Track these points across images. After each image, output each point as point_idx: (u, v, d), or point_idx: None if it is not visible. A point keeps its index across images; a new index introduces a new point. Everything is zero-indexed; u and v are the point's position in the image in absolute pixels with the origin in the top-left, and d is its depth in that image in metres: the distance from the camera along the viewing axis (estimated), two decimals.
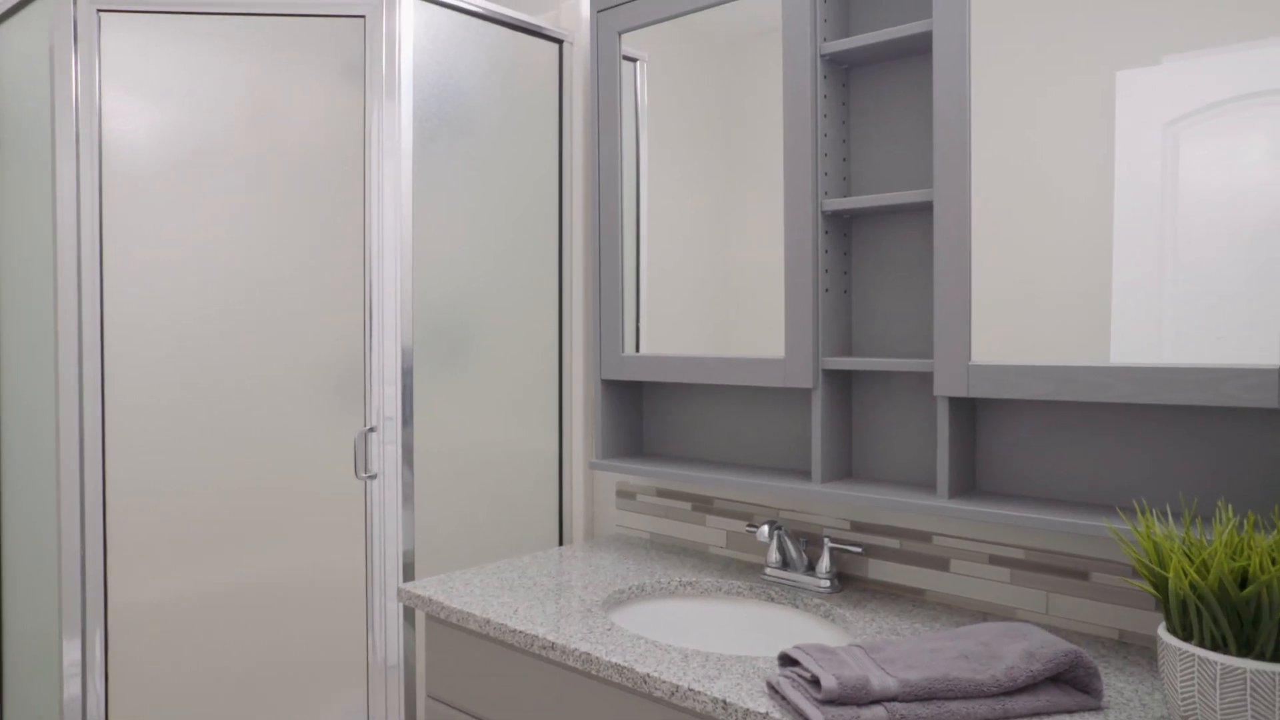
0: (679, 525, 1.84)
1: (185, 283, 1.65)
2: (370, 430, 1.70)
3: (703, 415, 1.80)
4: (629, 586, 1.54)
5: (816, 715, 0.96)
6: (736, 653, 1.52)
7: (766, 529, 1.55)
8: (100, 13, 1.61)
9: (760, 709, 1.03)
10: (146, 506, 1.64)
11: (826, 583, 1.50)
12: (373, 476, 1.70)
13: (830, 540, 1.52)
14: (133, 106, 1.62)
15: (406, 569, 1.70)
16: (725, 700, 1.06)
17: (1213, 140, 1.08)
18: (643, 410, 1.90)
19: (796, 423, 1.65)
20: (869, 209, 1.44)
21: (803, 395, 1.65)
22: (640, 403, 1.90)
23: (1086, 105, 1.17)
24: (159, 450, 1.64)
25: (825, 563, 1.51)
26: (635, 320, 1.74)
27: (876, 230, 1.53)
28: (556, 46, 1.99)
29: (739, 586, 1.56)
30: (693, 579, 1.59)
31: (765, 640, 1.51)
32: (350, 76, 1.69)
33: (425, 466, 1.75)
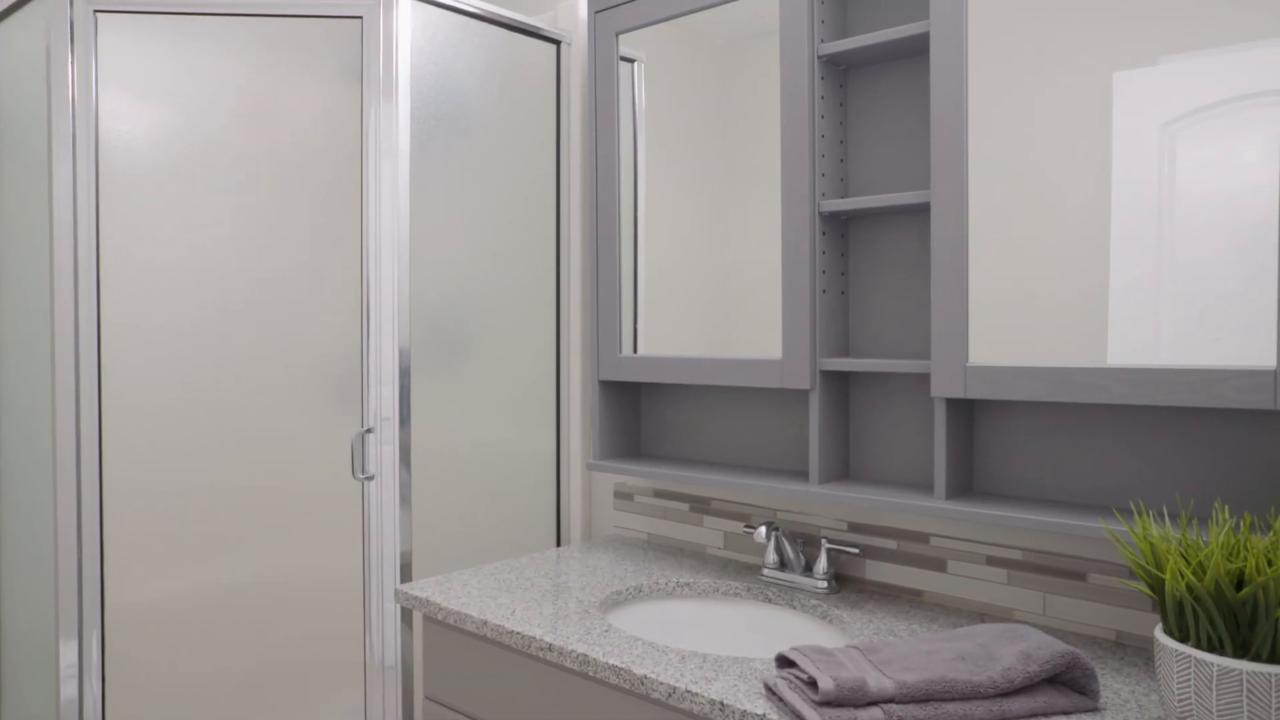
0: (676, 526, 1.84)
1: (182, 283, 1.65)
2: (368, 431, 1.70)
3: (700, 416, 1.80)
4: (626, 587, 1.54)
5: (814, 717, 0.96)
6: (734, 654, 1.52)
7: (764, 530, 1.55)
8: (97, 13, 1.61)
9: (757, 710, 1.03)
10: (143, 507, 1.64)
11: (824, 584, 1.50)
12: (370, 477, 1.69)
13: (828, 541, 1.52)
14: (129, 107, 1.62)
15: (404, 570, 1.70)
16: (722, 702, 1.06)
17: (1210, 141, 1.08)
18: (640, 411, 1.90)
19: (794, 424, 1.65)
20: (866, 210, 1.44)
21: (800, 396, 1.65)
22: (638, 403, 1.90)
23: (1084, 106, 1.17)
24: (156, 450, 1.64)
25: (823, 564, 1.51)
26: (633, 321, 1.74)
27: (874, 231, 1.53)
28: (554, 47, 1.99)
29: (736, 587, 1.56)
30: (690, 580, 1.59)
31: (763, 641, 1.51)
32: (348, 77, 1.69)
33: (423, 467, 1.75)
